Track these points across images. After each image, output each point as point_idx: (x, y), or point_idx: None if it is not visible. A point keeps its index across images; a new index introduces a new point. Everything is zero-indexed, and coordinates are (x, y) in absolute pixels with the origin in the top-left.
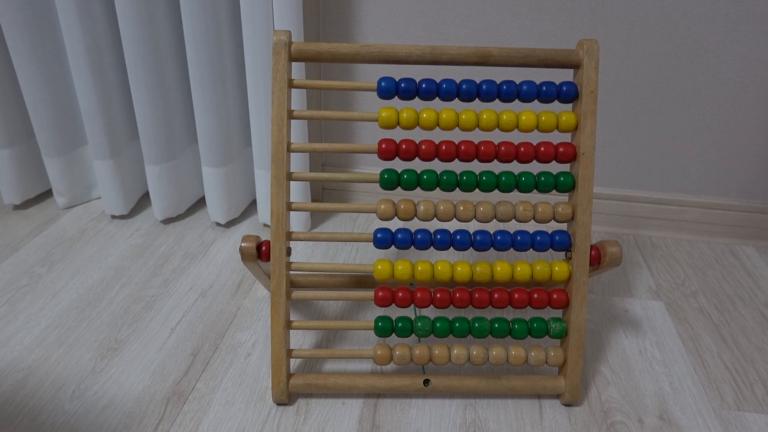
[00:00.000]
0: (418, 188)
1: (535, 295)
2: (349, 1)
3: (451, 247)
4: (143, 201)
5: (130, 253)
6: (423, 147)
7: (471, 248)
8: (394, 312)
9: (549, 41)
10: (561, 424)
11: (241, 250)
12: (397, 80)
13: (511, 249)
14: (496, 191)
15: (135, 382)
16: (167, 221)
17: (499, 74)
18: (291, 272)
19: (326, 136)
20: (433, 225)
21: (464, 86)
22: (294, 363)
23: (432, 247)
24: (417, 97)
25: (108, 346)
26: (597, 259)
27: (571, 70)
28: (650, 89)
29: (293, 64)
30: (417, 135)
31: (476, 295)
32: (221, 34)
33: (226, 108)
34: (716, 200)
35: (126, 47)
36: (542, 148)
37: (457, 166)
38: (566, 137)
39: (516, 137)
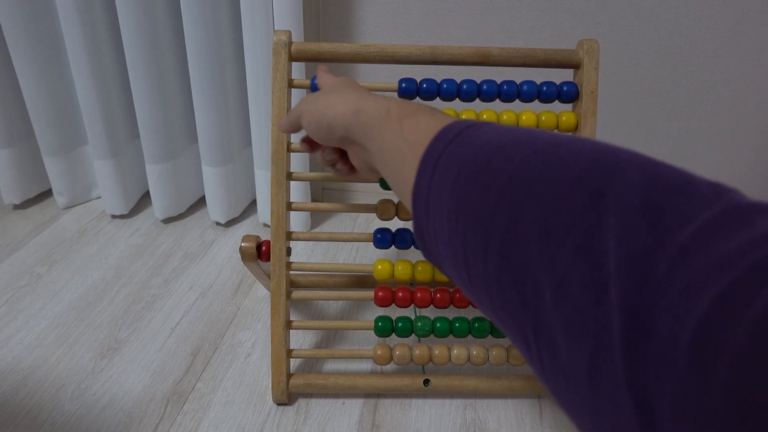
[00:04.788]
0: None
1: None
2: (349, 1)
3: None
4: (143, 201)
5: (130, 253)
6: None
7: None
8: (394, 312)
9: (549, 41)
10: (561, 424)
11: (241, 250)
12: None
13: None
14: None
15: (135, 382)
16: (167, 221)
17: (499, 74)
18: (291, 272)
19: None
20: None
21: (465, 86)
22: (294, 363)
23: None
24: (418, 97)
25: (108, 346)
26: None
27: (571, 70)
28: (650, 89)
29: (293, 64)
30: None
31: None
32: (221, 33)
33: (226, 108)
34: None
35: (126, 47)
36: None
37: None
38: None
39: None
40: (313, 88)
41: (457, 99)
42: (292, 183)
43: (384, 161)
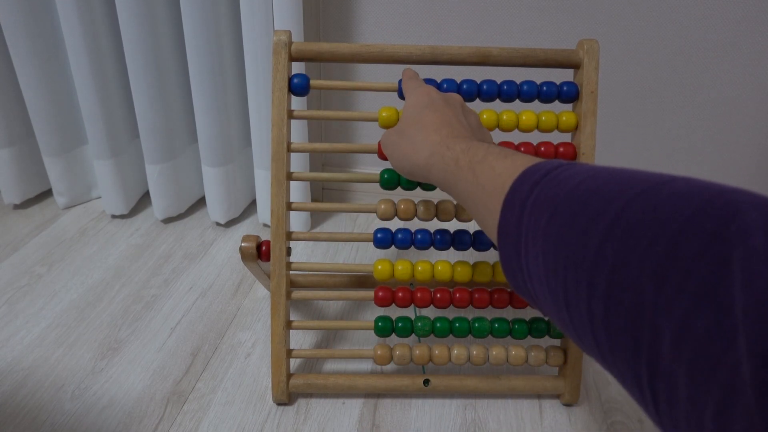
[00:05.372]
0: (418, 188)
1: None
2: (349, 1)
3: (451, 247)
4: (143, 200)
5: (130, 253)
6: None
7: (471, 248)
8: (394, 312)
9: (549, 41)
10: (561, 424)
11: (241, 250)
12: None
13: None
14: None
15: (135, 382)
16: (167, 221)
17: (499, 74)
18: (291, 272)
19: (326, 136)
20: (433, 225)
21: (465, 86)
22: (294, 363)
23: (432, 247)
24: None
25: (108, 346)
26: None
27: (571, 70)
28: (650, 89)
29: (293, 64)
30: None
31: (476, 295)
32: (221, 33)
33: (226, 108)
34: None
35: (126, 47)
36: (542, 148)
37: None
38: (566, 137)
39: (516, 137)
40: (295, 88)
41: None
42: (292, 183)
43: (465, 205)
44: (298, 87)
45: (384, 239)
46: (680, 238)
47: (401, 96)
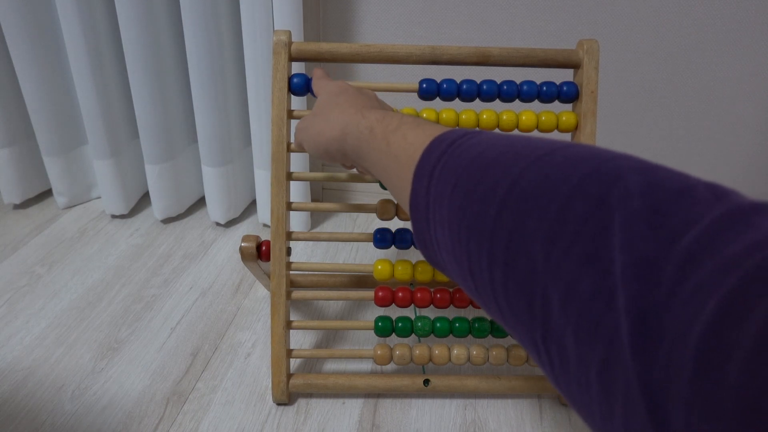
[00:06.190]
0: None
1: None
2: (349, 1)
3: None
4: (143, 201)
5: (130, 253)
6: None
7: None
8: (394, 312)
9: (549, 41)
10: (561, 424)
11: (241, 250)
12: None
13: None
14: None
15: (135, 382)
16: (167, 221)
17: (499, 74)
18: (291, 272)
19: None
20: None
21: (465, 86)
22: (294, 363)
23: None
24: (418, 97)
25: (108, 346)
26: None
27: (571, 70)
28: (650, 89)
29: (293, 63)
30: None
31: None
32: (221, 33)
33: (226, 107)
34: None
35: (126, 47)
36: None
37: None
38: (566, 137)
39: None
40: (295, 88)
41: (457, 99)
42: (292, 183)
43: (380, 175)
44: (298, 87)
45: (384, 239)
46: (568, 203)
47: (314, 94)
